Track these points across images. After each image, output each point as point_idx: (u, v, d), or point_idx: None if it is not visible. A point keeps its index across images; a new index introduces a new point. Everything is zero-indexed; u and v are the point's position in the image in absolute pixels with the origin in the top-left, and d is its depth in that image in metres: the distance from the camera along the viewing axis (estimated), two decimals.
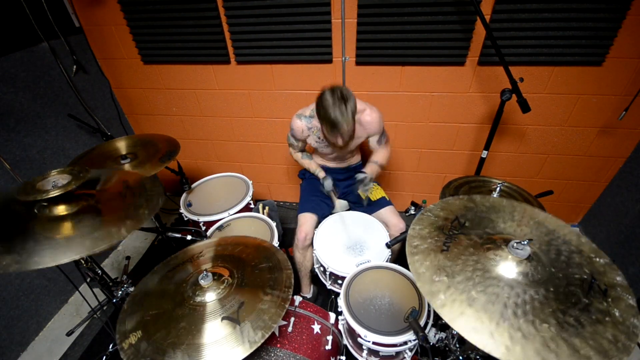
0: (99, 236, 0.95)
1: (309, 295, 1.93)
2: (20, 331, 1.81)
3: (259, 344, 0.84)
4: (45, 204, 1.02)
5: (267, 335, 0.85)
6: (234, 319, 0.89)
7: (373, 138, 1.72)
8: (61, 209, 1.02)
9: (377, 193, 1.81)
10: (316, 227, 1.76)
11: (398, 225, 1.69)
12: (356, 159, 1.91)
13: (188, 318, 0.93)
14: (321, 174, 1.78)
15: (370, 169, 1.70)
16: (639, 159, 1.96)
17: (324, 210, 1.81)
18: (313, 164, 1.83)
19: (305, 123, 1.67)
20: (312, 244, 1.71)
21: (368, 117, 1.63)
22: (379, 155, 1.77)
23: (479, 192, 1.60)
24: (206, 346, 0.85)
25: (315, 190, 1.85)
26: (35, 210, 1.02)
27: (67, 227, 0.98)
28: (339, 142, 1.50)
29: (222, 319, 0.90)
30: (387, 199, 1.79)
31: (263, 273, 1.05)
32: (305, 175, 1.96)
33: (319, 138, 1.69)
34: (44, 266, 0.85)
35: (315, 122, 1.64)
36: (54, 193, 0.96)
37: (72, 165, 1.59)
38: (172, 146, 1.73)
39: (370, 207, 1.79)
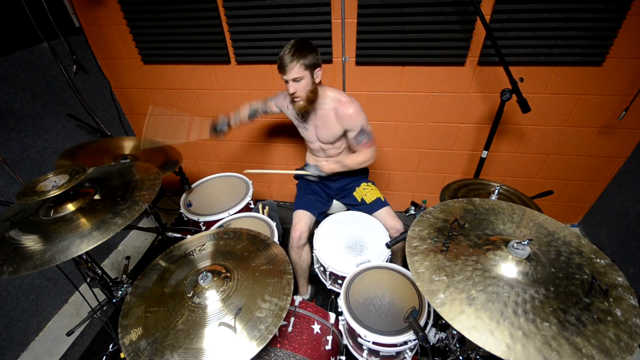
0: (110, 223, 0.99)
1: (306, 297, 1.92)
2: (20, 331, 1.81)
3: (253, 355, 0.83)
4: (51, 204, 1.05)
5: (262, 346, 0.84)
6: (231, 327, 0.89)
7: (350, 133, 1.65)
8: (70, 207, 1.05)
9: (372, 194, 1.78)
10: (313, 226, 1.76)
11: (395, 226, 1.67)
12: None
13: (186, 320, 0.93)
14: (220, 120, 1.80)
15: (326, 162, 1.77)
16: (639, 159, 1.96)
17: (319, 208, 1.80)
18: (242, 113, 1.87)
19: (289, 97, 1.63)
20: (307, 243, 1.70)
21: (344, 108, 1.58)
22: (350, 157, 1.75)
23: (477, 194, 1.60)
24: (203, 352, 0.84)
25: (309, 188, 1.85)
26: (42, 216, 1.04)
27: (83, 222, 1.01)
28: (291, 89, 1.49)
29: (220, 324, 0.90)
30: (383, 200, 1.77)
31: (263, 276, 1.04)
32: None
33: (297, 116, 1.71)
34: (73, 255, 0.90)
35: None
36: (54, 193, 0.98)
37: (62, 157, 1.60)
38: (174, 156, 1.74)
39: (366, 209, 1.77)
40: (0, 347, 1.71)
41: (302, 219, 1.71)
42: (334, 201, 1.92)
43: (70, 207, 1.05)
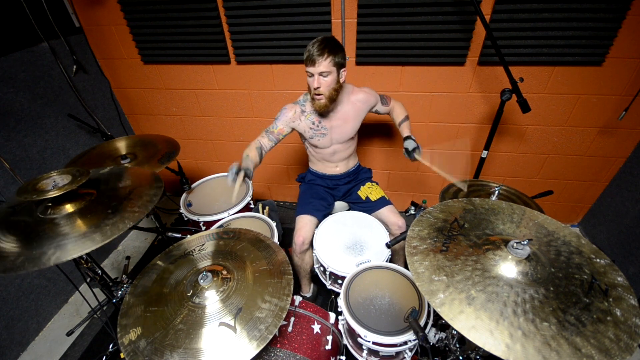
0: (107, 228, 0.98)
1: (308, 295, 1.93)
2: (20, 331, 1.81)
3: (253, 355, 0.83)
4: (49, 204, 1.05)
5: (262, 346, 0.84)
6: (231, 327, 0.89)
7: (378, 106, 1.73)
8: (68, 207, 1.05)
9: (377, 193, 1.81)
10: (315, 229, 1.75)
11: (397, 223, 1.69)
12: (354, 161, 1.90)
13: (186, 319, 0.93)
14: (243, 163, 1.63)
15: (408, 129, 1.72)
16: (639, 159, 1.96)
17: (323, 211, 1.80)
18: (253, 155, 1.68)
19: (299, 107, 1.66)
20: (310, 247, 1.70)
21: (358, 94, 1.65)
22: (399, 111, 1.77)
23: (477, 195, 1.60)
24: (203, 352, 0.84)
25: (314, 193, 1.85)
26: (39, 214, 1.04)
27: (79, 224, 1.01)
28: (315, 83, 1.47)
29: (220, 324, 0.90)
30: (387, 199, 1.80)
31: (263, 277, 1.04)
32: (304, 178, 1.96)
33: (314, 123, 1.66)
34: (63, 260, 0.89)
35: (309, 105, 1.63)
36: (54, 193, 0.98)
37: (71, 165, 1.60)
38: (172, 147, 1.73)
39: (370, 206, 1.78)
40: (0, 347, 1.71)
41: (306, 224, 1.70)
42: (336, 202, 1.92)
43: (69, 207, 1.05)
